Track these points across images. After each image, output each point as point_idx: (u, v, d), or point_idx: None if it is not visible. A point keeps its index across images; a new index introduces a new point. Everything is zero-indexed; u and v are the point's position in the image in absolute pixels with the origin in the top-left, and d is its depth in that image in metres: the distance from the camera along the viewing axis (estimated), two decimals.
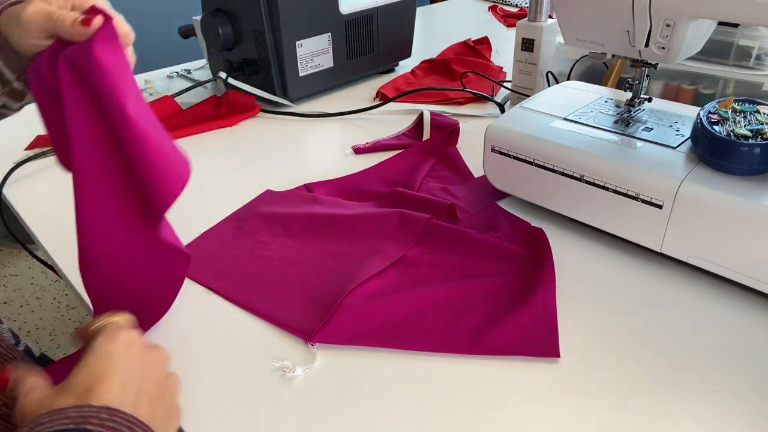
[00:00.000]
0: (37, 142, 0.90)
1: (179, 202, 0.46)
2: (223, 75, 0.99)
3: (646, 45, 0.59)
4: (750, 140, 0.52)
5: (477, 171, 0.78)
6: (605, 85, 0.86)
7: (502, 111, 0.95)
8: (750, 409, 0.44)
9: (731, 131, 0.54)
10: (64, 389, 0.35)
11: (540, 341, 0.50)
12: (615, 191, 0.58)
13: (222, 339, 0.52)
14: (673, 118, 0.65)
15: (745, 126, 0.55)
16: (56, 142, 0.47)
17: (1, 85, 0.48)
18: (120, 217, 0.47)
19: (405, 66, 1.19)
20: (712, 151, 0.55)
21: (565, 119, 0.67)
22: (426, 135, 0.87)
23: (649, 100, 0.68)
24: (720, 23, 0.67)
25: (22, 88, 0.49)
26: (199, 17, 1.04)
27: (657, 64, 0.63)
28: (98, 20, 0.43)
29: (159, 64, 1.30)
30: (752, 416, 0.44)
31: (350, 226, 0.65)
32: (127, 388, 0.36)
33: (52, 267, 0.66)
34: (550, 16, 0.91)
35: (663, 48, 0.59)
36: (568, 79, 0.92)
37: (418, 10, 1.27)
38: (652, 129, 0.63)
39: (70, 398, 0.34)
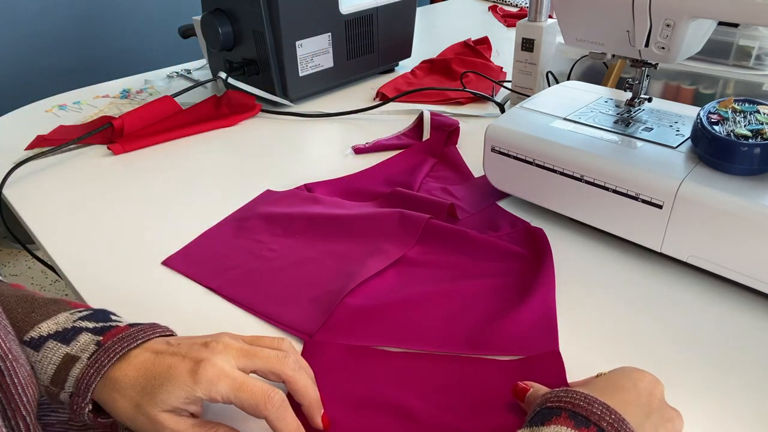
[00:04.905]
0: (37, 142, 0.90)
1: (179, 202, 0.46)
2: (223, 75, 0.99)
3: (646, 45, 0.59)
4: (750, 140, 0.53)
5: (477, 171, 0.78)
6: (605, 85, 0.86)
7: (502, 111, 0.95)
8: (750, 408, 0.44)
9: (731, 131, 0.54)
10: None
11: (540, 341, 0.50)
12: (615, 191, 0.58)
13: None
14: (673, 118, 0.65)
15: (745, 126, 0.55)
16: None
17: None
18: None
19: (405, 66, 1.19)
20: (712, 151, 0.55)
21: (565, 119, 0.67)
22: (426, 135, 0.87)
23: (649, 100, 0.68)
24: (720, 23, 0.67)
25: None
26: (199, 17, 1.04)
27: (657, 64, 0.63)
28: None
29: (159, 64, 1.30)
30: (752, 416, 0.44)
31: (350, 226, 0.65)
32: None
33: (52, 267, 0.66)
34: (550, 16, 0.91)
35: (663, 48, 0.59)
36: (568, 79, 0.92)
37: (418, 10, 1.27)
38: (652, 129, 0.63)
39: None
